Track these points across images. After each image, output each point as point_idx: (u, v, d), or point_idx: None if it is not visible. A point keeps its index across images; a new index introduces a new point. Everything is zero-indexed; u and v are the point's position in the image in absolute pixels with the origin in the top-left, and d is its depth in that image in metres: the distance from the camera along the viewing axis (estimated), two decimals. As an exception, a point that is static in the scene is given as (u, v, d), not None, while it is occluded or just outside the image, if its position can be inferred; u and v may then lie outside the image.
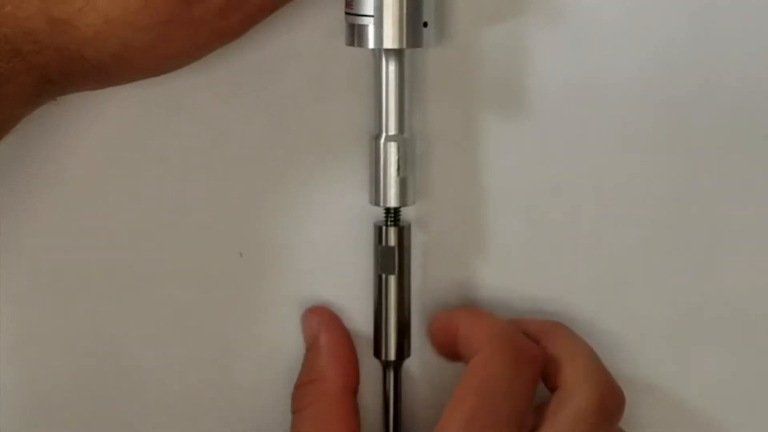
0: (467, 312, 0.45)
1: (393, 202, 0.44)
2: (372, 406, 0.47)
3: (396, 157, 0.44)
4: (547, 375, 0.44)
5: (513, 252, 0.47)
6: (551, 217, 0.47)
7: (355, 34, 0.43)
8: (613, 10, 0.45)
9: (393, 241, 0.45)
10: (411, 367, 0.47)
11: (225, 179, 0.47)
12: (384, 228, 0.45)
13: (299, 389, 0.46)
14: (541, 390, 0.44)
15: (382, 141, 0.44)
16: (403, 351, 0.46)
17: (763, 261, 0.47)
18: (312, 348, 0.46)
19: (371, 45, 0.43)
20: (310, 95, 0.46)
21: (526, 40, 0.45)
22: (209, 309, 0.47)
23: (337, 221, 0.47)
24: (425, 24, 0.43)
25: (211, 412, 0.48)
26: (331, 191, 0.47)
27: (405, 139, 0.44)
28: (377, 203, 0.45)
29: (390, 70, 0.44)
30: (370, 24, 0.43)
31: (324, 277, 0.47)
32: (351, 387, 0.46)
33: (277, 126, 0.46)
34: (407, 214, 0.46)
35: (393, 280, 0.45)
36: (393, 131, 0.44)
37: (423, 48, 0.43)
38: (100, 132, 0.46)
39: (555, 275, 0.47)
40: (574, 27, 0.45)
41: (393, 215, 0.45)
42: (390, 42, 0.43)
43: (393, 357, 0.46)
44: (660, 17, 0.45)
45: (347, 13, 0.43)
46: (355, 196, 0.46)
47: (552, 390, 0.44)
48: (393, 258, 0.45)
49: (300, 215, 0.47)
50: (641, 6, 0.45)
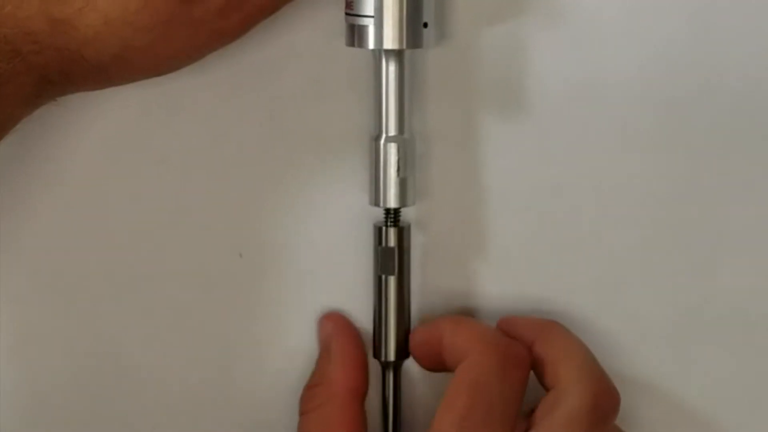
0: (449, 320, 0.45)
1: (393, 202, 0.44)
2: (372, 406, 0.47)
3: (396, 158, 0.44)
4: (542, 374, 0.44)
5: (513, 252, 0.47)
6: (551, 217, 0.47)
7: (355, 34, 0.43)
8: (613, 10, 0.45)
9: (393, 242, 0.45)
10: (410, 368, 0.47)
11: (225, 179, 0.47)
12: (384, 229, 0.45)
13: (308, 391, 0.46)
14: (539, 390, 0.44)
15: (382, 141, 0.44)
16: (403, 351, 0.46)
17: (763, 261, 0.47)
18: (324, 352, 0.47)
19: (371, 45, 0.43)
20: (310, 95, 0.46)
21: (526, 40, 0.45)
22: (209, 309, 0.47)
23: (337, 222, 0.47)
24: (425, 24, 0.43)
25: (211, 412, 0.48)
26: (331, 191, 0.46)
27: (405, 140, 0.44)
28: (377, 204, 0.45)
29: (390, 70, 0.44)
30: (370, 24, 0.43)
31: (324, 278, 0.47)
32: (359, 392, 0.46)
33: (277, 126, 0.46)
34: (407, 214, 0.46)
35: (393, 280, 0.45)
36: (393, 132, 0.44)
37: (423, 48, 0.43)
38: (100, 132, 0.46)
39: (555, 275, 0.47)
40: (574, 27, 0.45)
41: (393, 216, 0.45)
42: (390, 42, 0.43)
43: (393, 357, 0.46)
44: (660, 17, 0.45)
45: (347, 14, 0.43)
46: (355, 196, 0.46)
47: (548, 389, 0.44)
48: (393, 259, 0.45)
49: (300, 215, 0.47)
50: (641, 6, 0.45)
